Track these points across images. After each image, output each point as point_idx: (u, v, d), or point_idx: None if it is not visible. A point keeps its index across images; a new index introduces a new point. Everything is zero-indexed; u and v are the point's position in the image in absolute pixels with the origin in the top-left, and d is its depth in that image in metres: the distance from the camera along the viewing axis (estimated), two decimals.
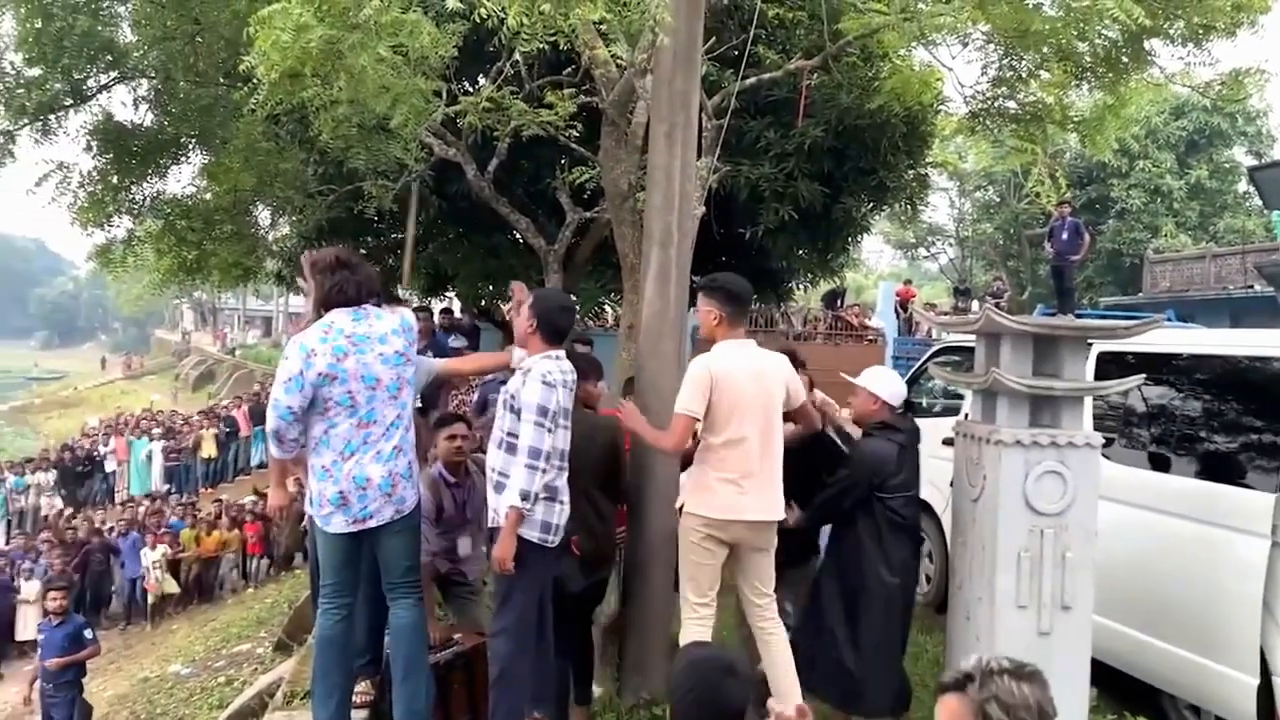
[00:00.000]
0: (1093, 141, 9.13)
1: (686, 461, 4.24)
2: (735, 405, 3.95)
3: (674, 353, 4.70)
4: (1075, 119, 8.86)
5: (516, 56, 8.52)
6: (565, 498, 3.94)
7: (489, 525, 3.93)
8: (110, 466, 21.45)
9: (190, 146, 10.42)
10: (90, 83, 9.41)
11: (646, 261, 4.88)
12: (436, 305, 15.60)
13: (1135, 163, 29.18)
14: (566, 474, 3.96)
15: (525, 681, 3.91)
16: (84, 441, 23.74)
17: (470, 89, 9.96)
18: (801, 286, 16.78)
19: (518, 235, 11.39)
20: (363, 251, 13.22)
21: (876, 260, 55.05)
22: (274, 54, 5.41)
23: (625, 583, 4.89)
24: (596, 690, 4.76)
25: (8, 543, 18.42)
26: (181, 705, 10.26)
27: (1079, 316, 10.24)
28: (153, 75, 9.56)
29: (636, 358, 4.98)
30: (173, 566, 15.23)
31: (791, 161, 10.39)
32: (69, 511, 19.18)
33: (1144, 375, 4.57)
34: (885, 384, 4.63)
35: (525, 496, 3.71)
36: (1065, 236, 14.64)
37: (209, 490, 20.38)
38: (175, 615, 15.15)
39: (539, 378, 3.79)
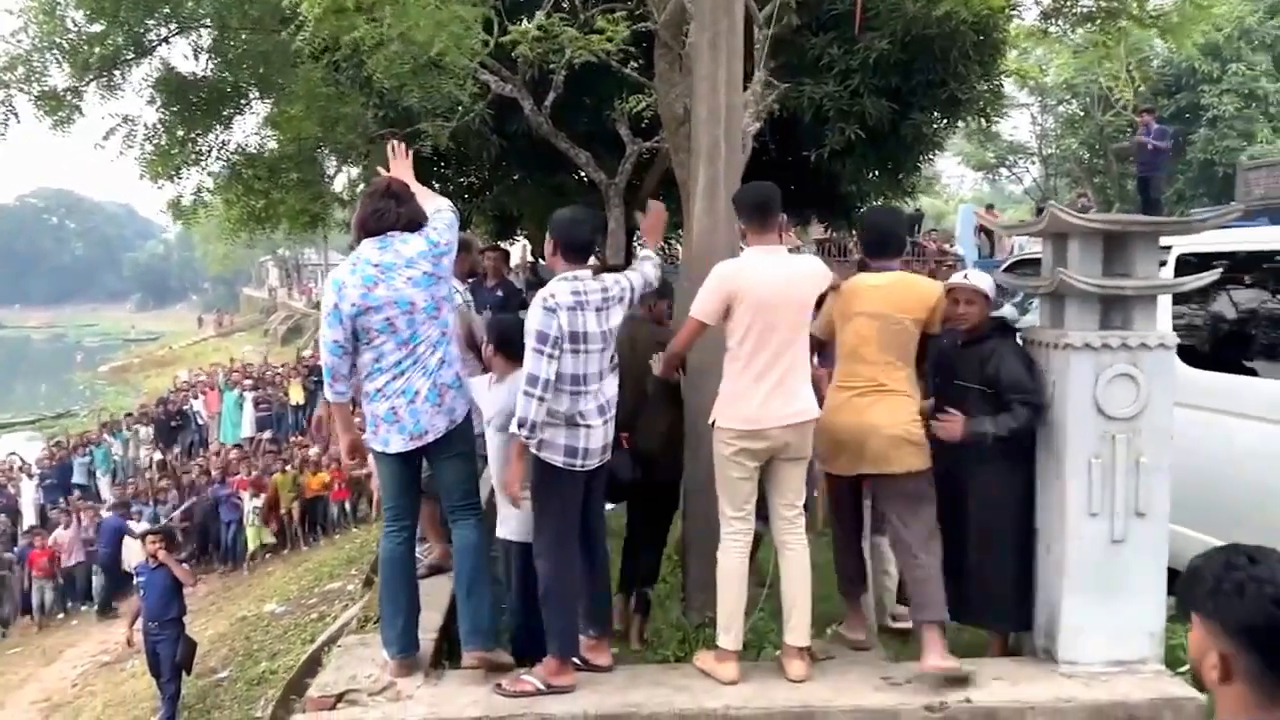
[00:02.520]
0: (1176, 38, 8.64)
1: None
2: (758, 310, 3.81)
3: None
4: (1154, 14, 8.37)
5: None
6: (595, 421, 3.85)
7: None
8: (203, 419, 22.18)
9: (252, 95, 10.56)
10: (150, 36, 9.56)
11: (694, 178, 4.75)
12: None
13: (1227, 66, 27.56)
14: (597, 399, 3.87)
15: (573, 600, 3.93)
16: (178, 396, 24.57)
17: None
18: None
19: (582, 174, 11.30)
20: None
21: (957, 185, 53.56)
22: None
23: (685, 503, 4.86)
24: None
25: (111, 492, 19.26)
26: (276, 641, 10.68)
27: None
28: (209, 25, 9.67)
29: (686, 280, 4.88)
30: (272, 510, 15.74)
31: (856, 78, 10.04)
32: (160, 459, 20.03)
33: (1219, 270, 4.31)
34: (989, 281, 4.25)
35: (523, 424, 3.68)
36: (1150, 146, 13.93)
37: (299, 438, 20.94)
38: (271, 559, 15.68)
39: (539, 302, 3.74)
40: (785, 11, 8.34)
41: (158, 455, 20.99)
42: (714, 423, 3.98)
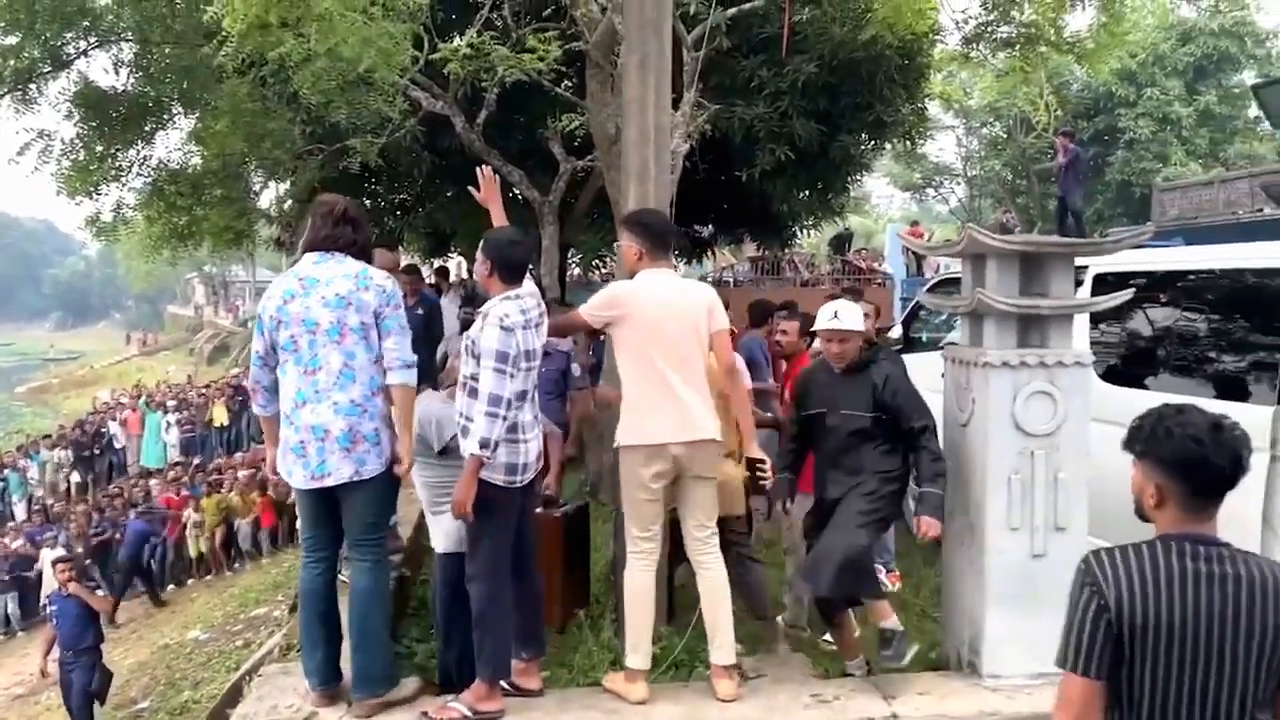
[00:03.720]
0: (1092, 64, 8.93)
1: None
2: (654, 330, 3.89)
3: None
4: (1070, 40, 8.64)
5: (503, 7, 8.39)
6: (531, 434, 3.87)
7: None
8: (120, 441, 21.56)
9: (174, 110, 10.34)
10: (68, 49, 9.31)
11: (626, 198, 4.78)
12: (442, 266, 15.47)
13: (1143, 91, 28.64)
14: (531, 409, 3.91)
15: (508, 621, 3.87)
16: (96, 417, 23.89)
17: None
18: (805, 231, 16.57)
19: (516, 191, 11.28)
20: None
21: (886, 205, 54.61)
22: (238, 2, 5.32)
23: (615, 525, 4.84)
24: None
25: (29, 518, 18.63)
26: (199, 669, 10.35)
27: None
28: (130, 38, 9.45)
29: None
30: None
31: (786, 100, 10.20)
32: (79, 482, 19.45)
33: (1132, 290, 4.45)
34: (858, 315, 4.41)
35: (485, 444, 3.61)
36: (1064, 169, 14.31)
37: (226, 459, 20.47)
38: (196, 584, 15.28)
39: (496, 322, 3.69)
40: (716, 34, 8.43)
41: (76, 478, 20.38)
42: (618, 445, 4.00)
